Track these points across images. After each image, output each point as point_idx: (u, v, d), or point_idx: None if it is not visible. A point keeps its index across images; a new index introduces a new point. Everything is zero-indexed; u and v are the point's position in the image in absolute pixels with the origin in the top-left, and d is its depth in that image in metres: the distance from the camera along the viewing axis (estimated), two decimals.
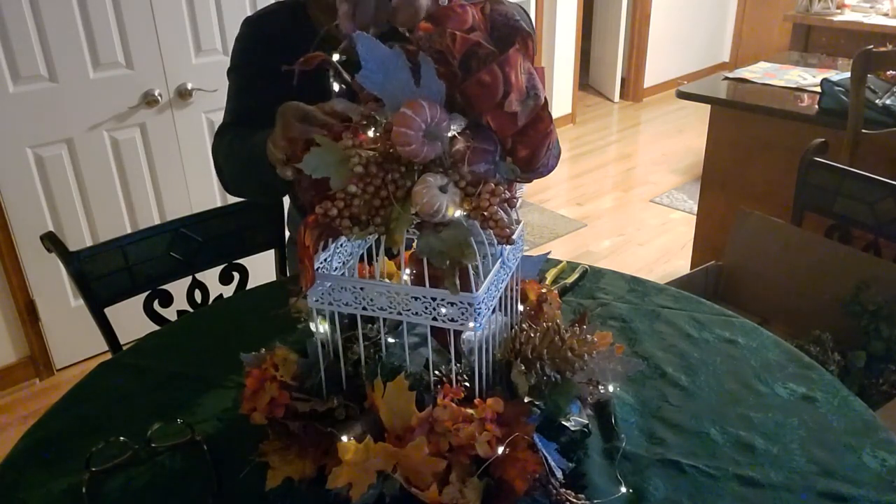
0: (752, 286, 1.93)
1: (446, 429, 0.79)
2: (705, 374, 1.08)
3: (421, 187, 0.75)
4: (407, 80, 0.78)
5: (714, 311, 1.26)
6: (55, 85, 2.25)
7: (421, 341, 0.92)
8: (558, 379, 0.88)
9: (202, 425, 0.97)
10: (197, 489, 0.89)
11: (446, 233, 0.78)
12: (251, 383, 0.89)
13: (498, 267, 0.83)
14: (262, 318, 1.12)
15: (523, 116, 0.80)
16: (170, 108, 2.50)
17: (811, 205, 1.82)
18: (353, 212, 0.77)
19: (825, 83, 2.33)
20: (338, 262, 0.90)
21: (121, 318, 1.47)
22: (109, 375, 1.14)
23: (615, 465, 0.90)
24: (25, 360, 2.48)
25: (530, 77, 0.80)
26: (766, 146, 2.53)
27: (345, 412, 0.86)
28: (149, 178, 2.54)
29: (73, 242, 1.66)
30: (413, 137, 0.74)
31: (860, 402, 1.01)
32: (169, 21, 2.41)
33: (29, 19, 2.15)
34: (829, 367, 1.50)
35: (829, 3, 3.94)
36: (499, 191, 0.77)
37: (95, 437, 0.94)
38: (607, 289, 1.32)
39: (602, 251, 3.46)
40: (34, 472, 0.93)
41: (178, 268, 1.53)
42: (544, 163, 0.84)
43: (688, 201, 3.93)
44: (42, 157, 2.29)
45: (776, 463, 0.90)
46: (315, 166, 0.78)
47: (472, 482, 0.78)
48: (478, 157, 0.78)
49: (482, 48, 0.78)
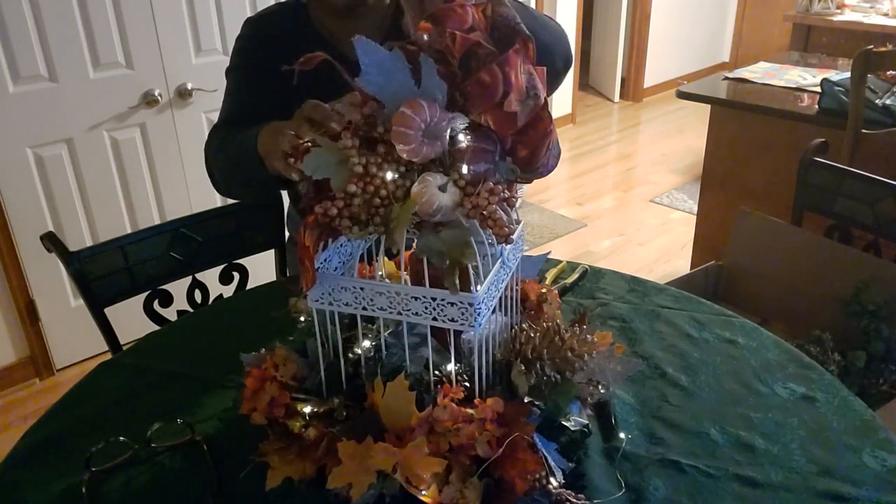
0: (752, 286, 1.93)
1: (446, 429, 0.79)
2: (705, 374, 1.08)
3: (420, 186, 0.75)
4: (407, 82, 0.78)
5: (714, 311, 1.26)
6: (55, 85, 2.25)
7: (421, 341, 0.92)
8: (558, 379, 0.87)
9: (202, 425, 0.97)
10: (197, 489, 0.88)
11: (446, 233, 0.78)
12: (251, 383, 0.89)
13: (498, 267, 0.83)
14: (262, 318, 1.12)
15: (523, 116, 0.80)
16: (170, 108, 2.50)
17: (811, 205, 1.82)
18: (352, 211, 0.77)
19: (825, 83, 2.33)
20: (338, 262, 0.90)
21: (121, 318, 1.47)
22: (109, 375, 1.14)
23: (615, 465, 0.90)
24: (25, 360, 2.48)
25: (530, 77, 0.80)
26: (766, 146, 2.53)
27: (345, 412, 0.86)
28: (149, 178, 2.54)
29: (73, 242, 1.66)
30: (413, 137, 0.74)
31: (860, 402, 1.01)
32: (169, 21, 2.41)
33: (29, 19, 2.15)
34: (829, 367, 1.50)
35: (829, 3, 3.94)
36: (498, 190, 0.77)
37: (95, 437, 0.94)
38: (607, 289, 1.32)
39: (602, 251, 3.46)
40: (34, 472, 0.93)
41: (178, 268, 1.53)
42: (544, 163, 0.84)
43: (688, 201, 3.93)
44: (42, 157, 2.29)
45: (776, 463, 0.90)
46: (315, 167, 0.78)
47: (472, 482, 0.78)
48: (477, 157, 0.78)
49: (482, 48, 0.78)
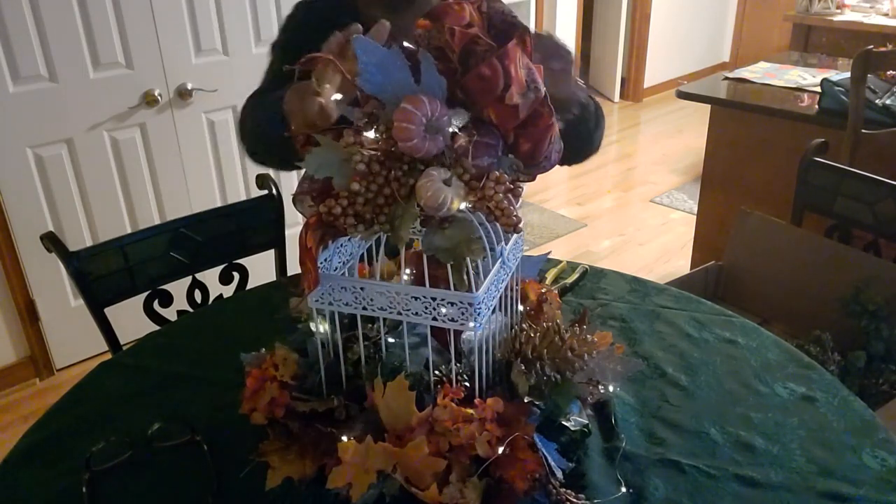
0: (752, 286, 1.93)
1: (446, 429, 0.79)
2: (705, 374, 1.08)
3: (425, 181, 0.75)
4: (406, 79, 0.77)
5: (714, 310, 1.26)
6: (55, 85, 2.25)
7: (421, 341, 0.92)
8: (558, 379, 0.87)
9: (202, 425, 0.97)
10: (197, 489, 0.89)
11: (451, 230, 0.77)
12: (251, 383, 0.89)
13: (498, 267, 0.83)
14: (262, 318, 1.12)
15: (524, 109, 0.79)
16: (170, 108, 2.50)
17: (811, 205, 1.82)
18: (356, 210, 0.76)
19: (825, 83, 2.33)
20: (338, 262, 0.90)
21: (121, 318, 1.47)
22: (109, 375, 1.14)
23: (615, 465, 0.90)
24: (25, 360, 2.48)
25: (530, 71, 0.80)
26: (766, 146, 2.53)
27: (345, 412, 0.86)
28: (149, 178, 2.54)
29: (73, 242, 1.66)
30: (414, 132, 0.74)
31: (860, 402, 1.01)
32: (169, 21, 2.41)
33: (29, 19, 2.14)
34: (829, 367, 1.50)
35: (829, 3, 3.94)
36: (504, 178, 0.77)
37: (95, 437, 0.94)
38: (607, 289, 1.32)
39: (602, 251, 3.46)
40: (34, 472, 0.93)
41: (178, 268, 1.53)
42: (547, 156, 0.84)
43: (688, 201, 3.92)
44: (42, 157, 2.29)
45: (776, 463, 0.90)
46: (317, 166, 0.77)
47: (472, 482, 0.78)
48: (480, 152, 0.78)
49: (481, 43, 0.78)
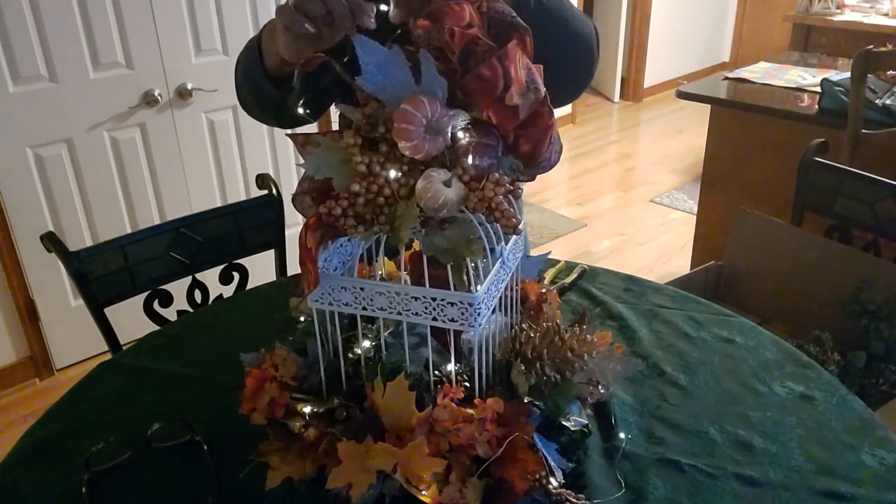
0: (751, 286, 1.93)
1: (446, 429, 0.79)
2: (704, 373, 1.08)
3: (425, 182, 0.75)
4: (407, 80, 0.77)
5: (712, 310, 1.26)
6: (55, 85, 2.25)
7: (421, 341, 0.92)
8: (558, 379, 0.87)
9: (202, 425, 0.97)
10: (197, 489, 0.89)
11: (451, 230, 0.77)
12: (251, 383, 0.89)
13: (498, 267, 0.83)
14: (262, 318, 1.12)
15: (524, 110, 0.79)
16: (170, 108, 2.50)
17: (811, 205, 1.82)
18: (357, 210, 0.77)
19: (825, 83, 2.33)
20: (338, 262, 0.90)
21: (121, 318, 1.47)
22: (109, 375, 1.14)
23: (615, 464, 0.90)
24: (25, 360, 2.48)
25: (529, 71, 0.80)
26: (766, 146, 2.53)
27: (345, 412, 0.86)
28: (149, 178, 2.54)
29: (73, 242, 1.66)
30: (414, 133, 0.74)
31: (858, 401, 1.01)
32: (169, 21, 2.41)
33: (29, 19, 2.15)
34: (828, 366, 1.50)
35: (829, 3, 3.94)
36: (503, 180, 0.77)
37: (95, 437, 0.94)
38: (603, 288, 1.32)
39: (602, 251, 3.46)
40: (34, 472, 0.93)
41: (178, 268, 1.53)
42: (546, 157, 0.84)
43: (688, 201, 3.92)
44: (42, 157, 2.29)
45: (775, 462, 0.91)
46: (317, 166, 0.77)
47: (472, 482, 0.78)
48: (480, 152, 0.78)
49: (481, 43, 0.78)
